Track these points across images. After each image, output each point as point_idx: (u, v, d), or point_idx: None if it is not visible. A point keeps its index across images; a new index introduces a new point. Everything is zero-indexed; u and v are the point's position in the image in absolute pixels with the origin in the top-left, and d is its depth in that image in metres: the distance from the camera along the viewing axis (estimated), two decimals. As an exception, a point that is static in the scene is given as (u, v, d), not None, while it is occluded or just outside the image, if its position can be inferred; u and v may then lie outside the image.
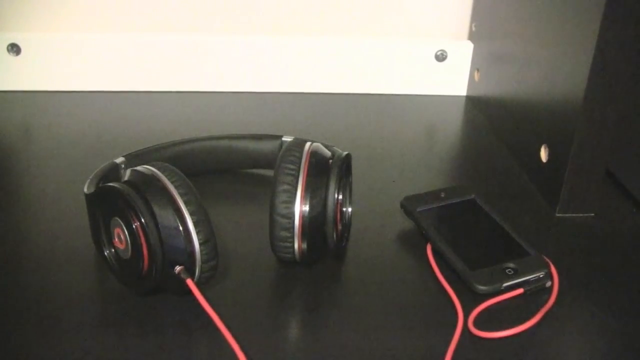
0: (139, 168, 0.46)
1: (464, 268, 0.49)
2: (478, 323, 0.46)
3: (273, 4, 0.82)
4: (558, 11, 0.59)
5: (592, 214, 0.59)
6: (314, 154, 0.48)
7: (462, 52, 0.83)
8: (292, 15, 0.83)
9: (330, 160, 0.49)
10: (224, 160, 0.62)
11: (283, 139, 0.60)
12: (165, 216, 0.43)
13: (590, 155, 0.56)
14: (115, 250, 0.46)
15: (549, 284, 0.49)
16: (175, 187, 0.44)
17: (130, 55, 0.80)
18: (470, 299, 0.48)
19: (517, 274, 0.49)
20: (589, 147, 0.56)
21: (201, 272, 0.44)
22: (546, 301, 0.48)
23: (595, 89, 0.54)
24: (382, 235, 0.55)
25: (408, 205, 0.56)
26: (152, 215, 0.43)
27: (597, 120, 0.55)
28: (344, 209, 0.51)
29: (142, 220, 0.42)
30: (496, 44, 0.75)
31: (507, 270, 0.49)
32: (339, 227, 0.49)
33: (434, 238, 0.52)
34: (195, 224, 0.43)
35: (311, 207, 0.46)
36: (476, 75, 0.82)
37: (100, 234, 0.47)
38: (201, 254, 0.44)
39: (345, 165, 0.49)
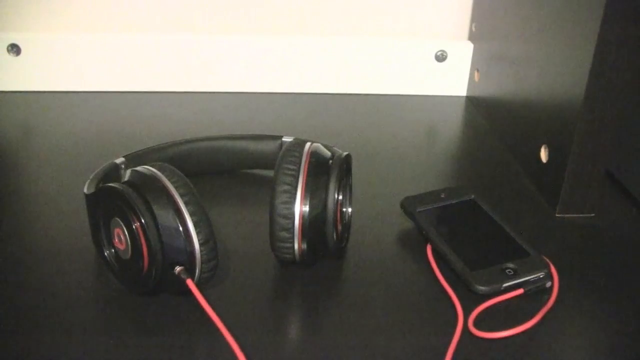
0: (139, 168, 0.46)
1: (464, 268, 0.49)
2: (478, 323, 0.46)
3: (273, 4, 0.82)
4: (558, 11, 0.59)
5: (592, 214, 0.59)
6: (314, 155, 0.48)
7: (462, 53, 0.83)
8: (292, 15, 0.83)
9: (330, 161, 0.49)
10: (224, 161, 0.62)
11: (283, 139, 0.60)
12: (165, 216, 0.43)
13: (590, 155, 0.56)
14: (115, 251, 0.46)
15: (549, 284, 0.49)
16: (175, 188, 0.44)
17: (130, 55, 0.80)
18: (470, 299, 0.48)
19: (517, 274, 0.49)
20: (589, 147, 0.56)
21: (201, 272, 0.44)
22: (546, 301, 0.48)
23: (595, 89, 0.54)
24: (382, 236, 0.55)
25: (408, 206, 0.56)
26: (152, 215, 0.43)
27: (597, 120, 0.55)
28: (344, 210, 0.51)
29: (142, 220, 0.42)
30: (496, 44, 0.75)
31: (507, 271, 0.49)
32: (339, 227, 0.49)
33: (434, 238, 0.52)
34: (195, 224, 0.43)
35: (311, 208, 0.46)
36: (476, 76, 0.82)
37: (100, 234, 0.47)
38: (201, 254, 0.44)
39: (345, 165, 0.49)
